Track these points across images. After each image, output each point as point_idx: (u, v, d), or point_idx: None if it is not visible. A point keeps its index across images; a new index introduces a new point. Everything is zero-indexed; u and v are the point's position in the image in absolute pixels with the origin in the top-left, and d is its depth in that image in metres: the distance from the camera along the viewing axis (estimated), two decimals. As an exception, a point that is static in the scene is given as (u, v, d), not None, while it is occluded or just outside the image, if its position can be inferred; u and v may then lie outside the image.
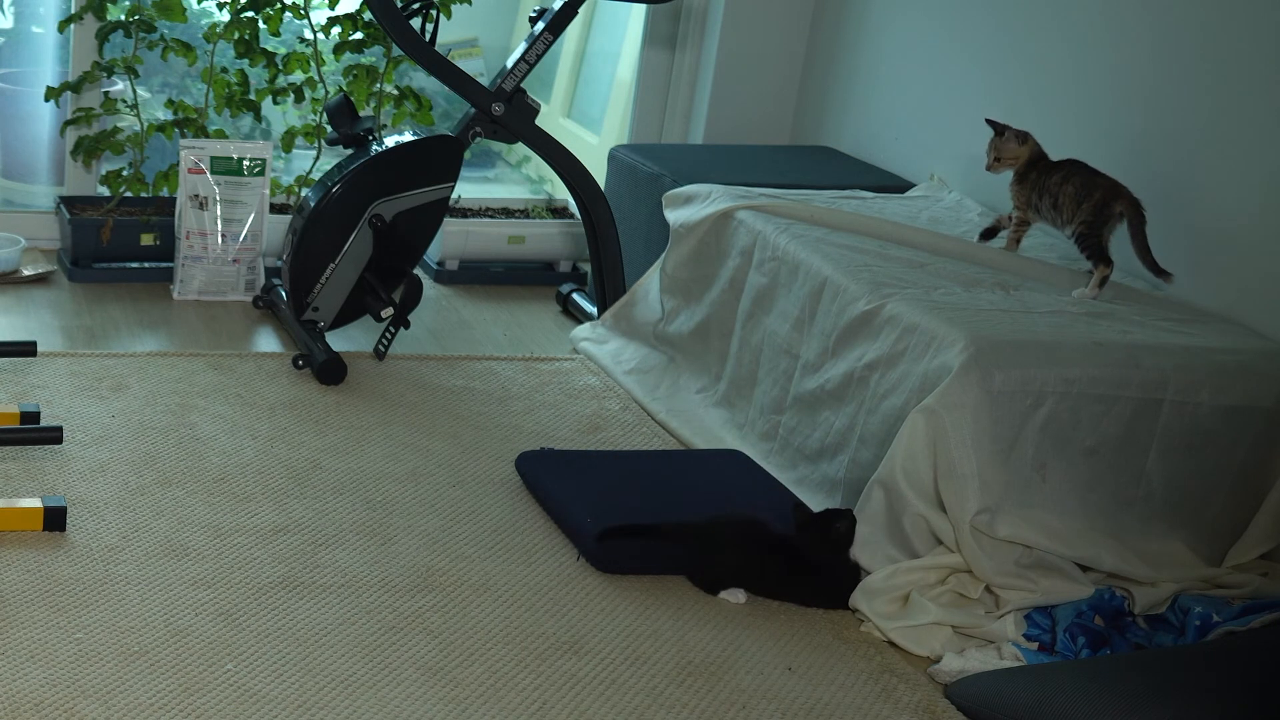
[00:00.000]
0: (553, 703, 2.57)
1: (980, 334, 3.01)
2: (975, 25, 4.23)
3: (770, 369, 3.53)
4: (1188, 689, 2.60)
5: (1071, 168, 3.37)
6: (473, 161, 5.41)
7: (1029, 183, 3.39)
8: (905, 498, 2.94)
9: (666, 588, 2.97)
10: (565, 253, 4.69)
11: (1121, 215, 3.33)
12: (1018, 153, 3.33)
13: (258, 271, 4.22)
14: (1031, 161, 3.39)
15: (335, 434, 3.45)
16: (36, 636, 2.57)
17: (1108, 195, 3.32)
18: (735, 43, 4.81)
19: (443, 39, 4.02)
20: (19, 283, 4.19)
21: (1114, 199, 3.32)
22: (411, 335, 4.09)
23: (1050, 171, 3.37)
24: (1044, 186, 3.36)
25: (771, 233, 3.61)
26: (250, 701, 2.47)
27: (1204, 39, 3.51)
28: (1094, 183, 3.34)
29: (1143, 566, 3.01)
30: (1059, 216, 3.36)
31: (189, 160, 4.11)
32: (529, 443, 3.49)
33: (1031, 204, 3.39)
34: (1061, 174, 3.35)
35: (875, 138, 4.59)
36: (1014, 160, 3.35)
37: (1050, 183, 3.35)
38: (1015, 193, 3.41)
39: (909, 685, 2.74)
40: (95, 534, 2.91)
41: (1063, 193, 3.34)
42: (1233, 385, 3.08)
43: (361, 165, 3.80)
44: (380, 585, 2.86)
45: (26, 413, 3.24)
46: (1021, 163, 3.38)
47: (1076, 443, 3.01)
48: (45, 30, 4.70)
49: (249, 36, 4.28)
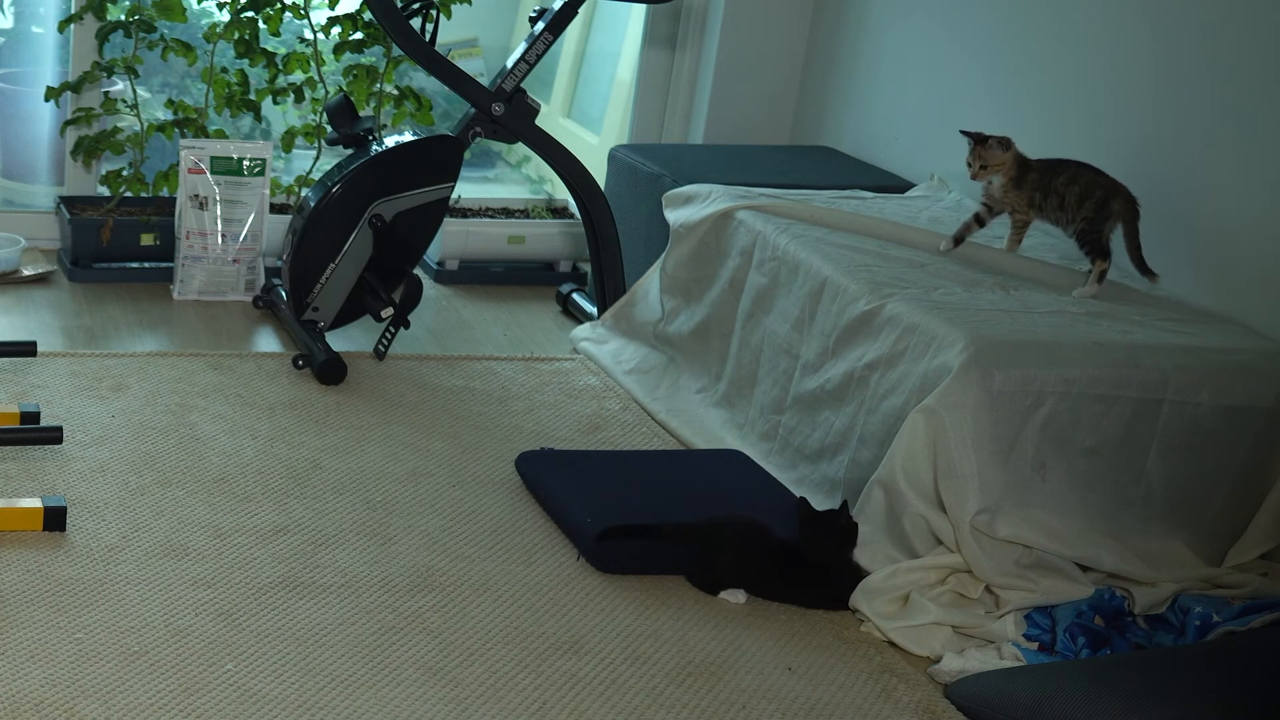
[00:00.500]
0: (553, 703, 2.57)
1: (980, 334, 3.01)
2: (975, 25, 4.23)
3: (770, 369, 3.53)
4: (1188, 689, 2.60)
5: (1077, 169, 3.39)
6: (473, 161, 5.41)
7: (1029, 183, 3.40)
8: (905, 498, 2.94)
9: (666, 588, 2.97)
10: (565, 253, 4.69)
11: (1118, 214, 3.35)
12: (1002, 159, 3.36)
13: (258, 271, 4.23)
14: (1020, 164, 3.39)
15: (335, 434, 3.45)
16: (36, 636, 2.57)
17: (1108, 193, 3.35)
18: (735, 43, 4.81)
19: (443, 39, 4.02)
20: (19, 283, 4.19)
21: (1113, 197, 3.35)
22: (411, 335, 4.09)
23: (1053, 172, 3.39)
24: (1049, 187, 3.38)
25: (771, 233, 3.61)
26: (250, 701, 2.47)
27: (1205, 38, 3.51)
28: (1096, 182, 3.37)
29: (1143, 566, 3.01)
30: (1064, 215, 3.38)
31: (189, 160, 4.11)
32: (529, 443, 3.49)
33: (1035, 204, 3.40)
34: (1067, 174, 3.37)
35: (875, 138, 4.59)
36: (1000, 166, 3.37)
37: (1057, 183, 3.37)
38: (1013, 196, 3.42)
39: (909, 685, 2.74)
40: (95, 534, 2.91)
41: (1069, 192, 3.36)
42: (1233, 385, 3.08)
43: (361, 165, 3.80)
44: (380, 585, 2.86)
45: (26, 413, 3.24)
46: (1009, 166, 3.39)
47: (1076, 443, 3.01)
48: (45, 30, 4.70)
49: (249, 36, 4.28)
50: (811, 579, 2.95)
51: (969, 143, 3.41)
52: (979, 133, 3.41)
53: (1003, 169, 3.38)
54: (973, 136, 3.40)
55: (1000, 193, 3.42)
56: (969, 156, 3.41)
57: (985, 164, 3.38)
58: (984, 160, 3.38)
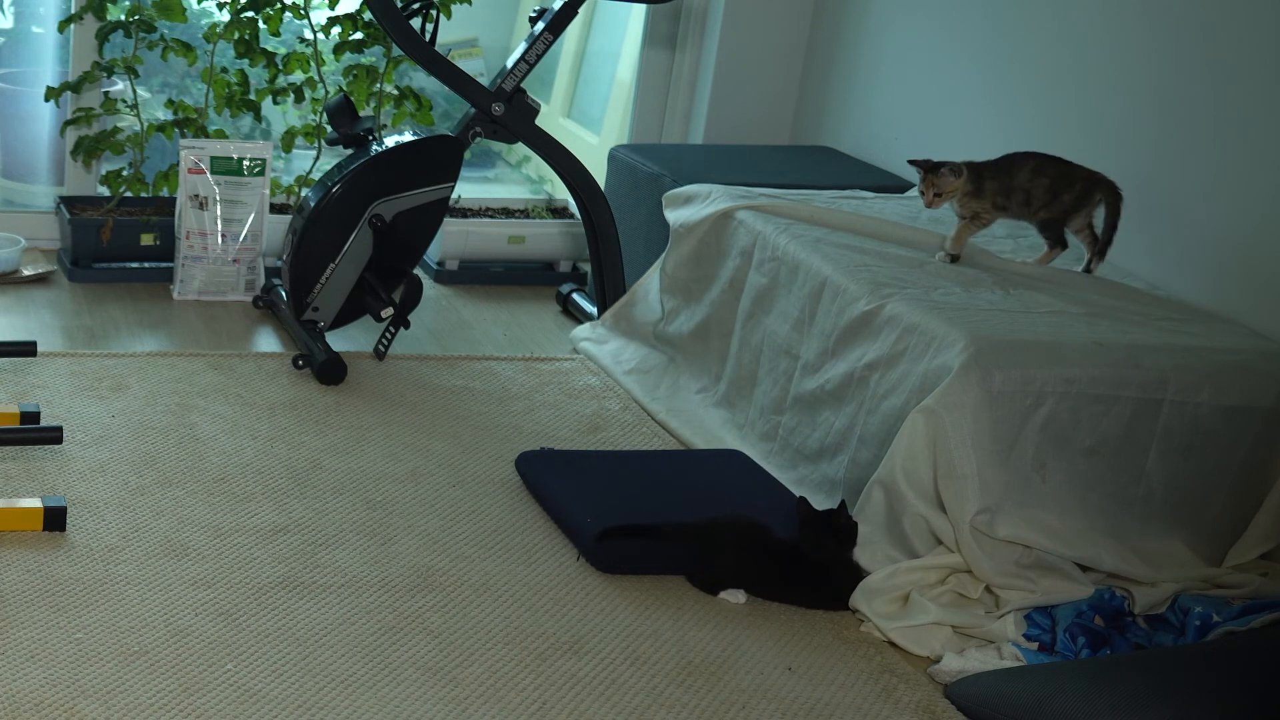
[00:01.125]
0: (553, 703, 2.57)
1: (980, 334, 3.01)
2: (975, 25, 4.23)
3: (770, 369, 3.53)
4: (1188, 689, 2.60)
5: (1036, 162, 3.39)
6: (473, 161, 5.41)
7: (988, 190, 3.39)
8: (905, 498, 2.94)
9: (666, 588, 2.97)
10: (565, 253, 4.69)
11: (1100, 201, 3.40)
12: (955, 185, 3.37)
13: (258, 271, 4.23)
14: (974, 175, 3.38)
15: (335, 434, 3.45)
16: (36, 636, 2.57)
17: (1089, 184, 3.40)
18: (735, 43, 4.81)
19: (443, 39, 4.02)
20: (19, 283, 4.19)
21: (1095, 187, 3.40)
22: (411, 335, 4.09)
23: (1008, 173, 3.38)
24: (1010, 187, 3.38)
25: (771, 233, 3.61)
26: (250, 701, 2.47)
27: (1206, 37, 3.51)
28: (1072, 174, 3.40)
29: (1143, 566, 3.01)
30: (1027, 209, 3.41)
31: (189, 160, 4.11)
32: (529, 443, 3.49)
33: (998, 205, 3.40)
34: (1029, 169, 3.38)
35: (875, 138, 4.59)
36: (954, 192, 3.38)
37: (1019, 181, 3.38)
38: (974, 204, 3.39)
39: (909, 685, 2.74)
40: (95, 534, 2.91)
41: (1035, 186, 3.37)
42: (1233, 385, 3.08)
43: (361, 165, 3.80)
44: (380, 585, 2.86)
45: (26, 413, 3.24)
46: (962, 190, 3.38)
47: (1076, 443, 3.01)
48: (45, 30, 4.70)
49: (249, 36, 4.28)
50: (811, 579, 2.95)
51: (919, 172, 3.41)
52: (927, 160, 3.41)
53: (955, 194, 3.39)
54: (922, 165, 3.40)
55: (960, 206, 3.42)
56: (920, 185, 3.41)
57: (939, 192, 3.38)
58: (937, 189, 3.38)
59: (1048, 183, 3.39)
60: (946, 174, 3.37)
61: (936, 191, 3.38)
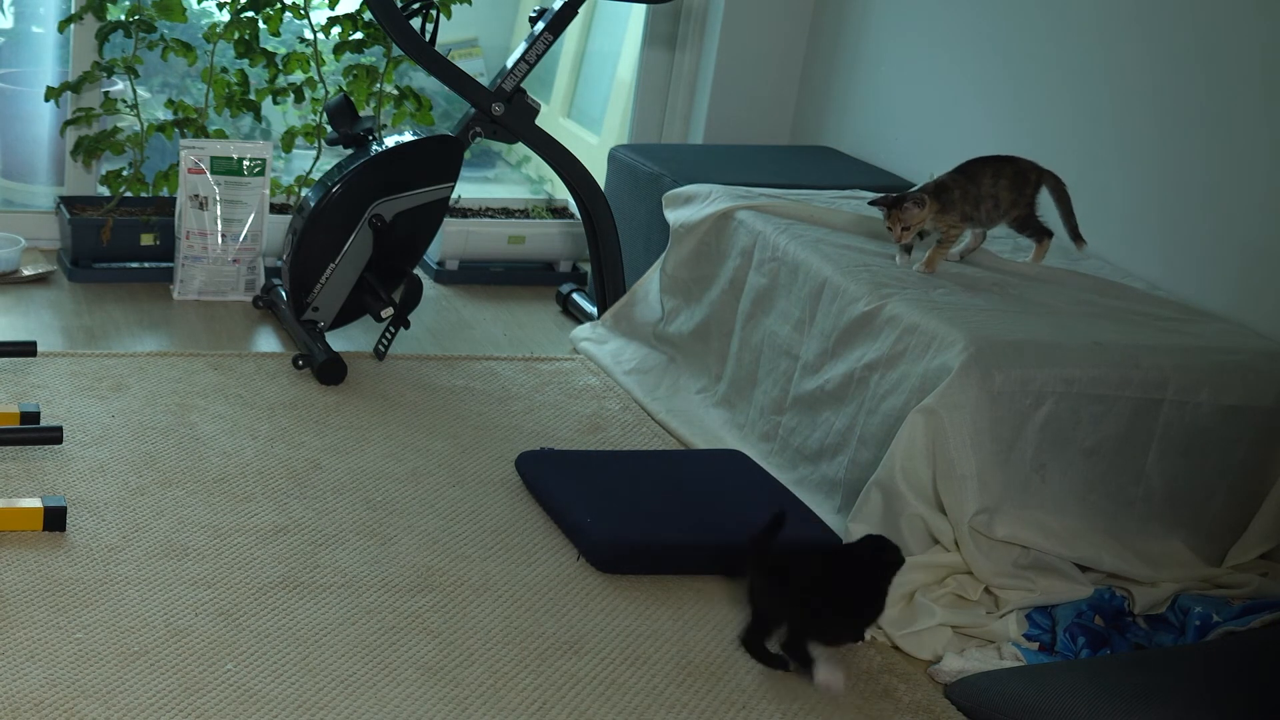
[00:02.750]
0: (553, 703, 2.57)
1: (980, 334, 3.01)
2: (975, 25, 4.23)
3: (770, 369, 3.53)
4: (1188, 689, 2.60)
5: (995, 165, 3.40)
6: (473, 161, 5.41)
7: (956, 206, 3.38)
8: (904, 498, 2.94)
9: (666, 588, 2.97)
10: (565, 253, 4.69)
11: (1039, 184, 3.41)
12: (921, 215, 3.37)
13: (258, 271, 4.23)
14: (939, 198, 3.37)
15: (335, 434, 3.45)
16: (36, 636, 2.57)
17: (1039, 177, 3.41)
18: (735, 43, 4.81)
19: (443, 39, 4.02)
20: (19, 283, 4.19)
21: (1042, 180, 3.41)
22: (411, 335, 4.09)
23: (973, 181, 3.37)
24: (978, 196, 3.37)
25: (771, 233, 3.61)
26: (250, 701, 2.47)
27: (1204, 39, 3.51)
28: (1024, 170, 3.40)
29: (1143, 566, 3.01)
30: (998, 212, 3.42)
31: (189, 160, 4.11)
32: (529, 443, 3.49)
33: (965, 216, 3.39)
34: (989, 174, 3.38)
35: (875, 138, 4.59)
36: (921, 221, 3.37)
37: (983, 189, 3.37)
38: (943, 220, 3.38)
39: (909, 685, 2.74)
40: (95, 534, 2.91)
41: (999, 187, 3.38)
42: (1232, 385, 3.08)
43: (361, 165, 3.80)
44: (380, 585, 2.86)
45: (26, 413, 3.24)
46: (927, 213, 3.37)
47: (1076, 443, 3.01)
48: (45, 30, 4.70)
49: (249, 36, 4.28)
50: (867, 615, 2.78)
51: (882, 212, 3.39)
52: (886, 196, 3.40)
53: (922, 223, 3.38)
54: (884, 203, 3.38)
55: (931, 225, 3.41)
56: (887, 223, 3.39)
57: (907, 225, 3.37)
58: (904, 222, 3.37)
59: (1008, 182, 3.40)
60: (910, 207, 3.36)
61: (904, 225, 3.38)
